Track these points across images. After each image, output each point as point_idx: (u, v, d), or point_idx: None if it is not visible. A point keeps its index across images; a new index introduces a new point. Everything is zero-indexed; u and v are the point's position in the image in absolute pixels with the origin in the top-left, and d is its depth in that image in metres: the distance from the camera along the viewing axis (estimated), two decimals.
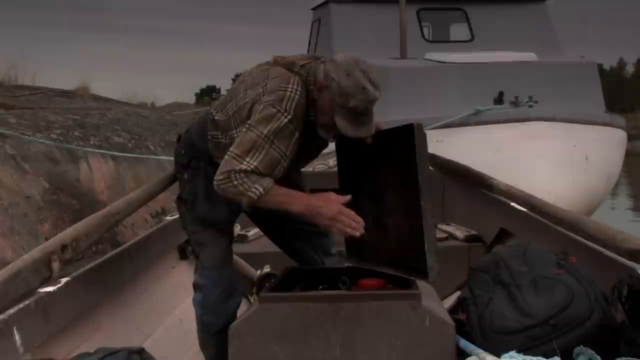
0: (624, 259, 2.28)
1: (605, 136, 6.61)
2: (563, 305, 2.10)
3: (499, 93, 6.65)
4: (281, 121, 2.05)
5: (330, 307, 1.95)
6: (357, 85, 2.00)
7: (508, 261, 2.34)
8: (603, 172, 6.53)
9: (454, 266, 3.17)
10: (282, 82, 2.10)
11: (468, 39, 8.26)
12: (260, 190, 2.06)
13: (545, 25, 8.28)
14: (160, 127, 7.90)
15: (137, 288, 2.82)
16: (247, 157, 2.05)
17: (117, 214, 2.90)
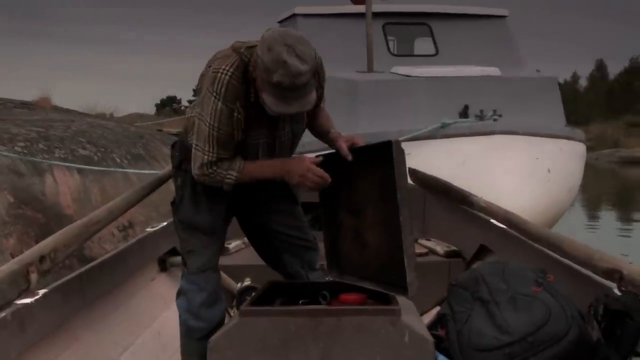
0: (600, 278, 2.32)
1: (567, 149, 6.79)
2: (541, 322, 2.16)
3: (464, 107, 6.76)
4: (216, 104, 2.14)
5: (311, 321, 1.96)
6: (277, 60, 1.99)
7: (487, 278, 2.40)
8: (565, 184, 6.69)
9: (434, 281, 3.21)
10: (219, 64, 2.16)
11: (432, 53, 8.41)
12: (235, 175, 2.23)
13: (507, 40, 8.50)
14: (126, 139, 7.79)
15: (115, 300, 2.81)
16: (206, 147, 2.19)
17: (97, 223, 2.89)
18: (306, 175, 2.21)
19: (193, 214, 2.39)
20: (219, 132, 2.17)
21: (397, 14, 8.41)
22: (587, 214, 11.80)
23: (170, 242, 3.41)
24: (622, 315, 2.07)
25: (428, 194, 4.01)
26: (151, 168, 7.38)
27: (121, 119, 19.04)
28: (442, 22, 8.41)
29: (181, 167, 2.43)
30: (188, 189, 2.40)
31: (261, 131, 2.26)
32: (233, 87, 2.13)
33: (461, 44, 8.23)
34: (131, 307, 2.91)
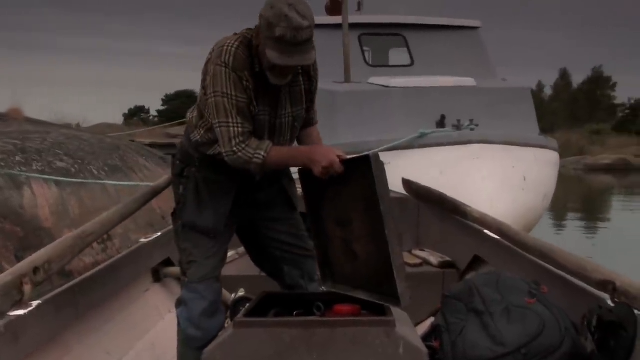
0: (594, 289, 2.34)
1: (541, 157, 6.92)
2: (535, 334, 2.19)
3: (441, 116, 6.87)
4: (227, 73, 2.19)
5: (305, 333, 1.96)
6: (279, 14, 2.08)
7: (481, 289, 2.42)
8: (540, 192, 6.81)
9: (428, 292, 3.23)
10: (225, 41, 2.24)
11: (408, 63, 8.52)
12: (263, 154, 2.23)
13: (480, 51, 8.66)
14: (103, 150, 7.72)
15: (108, 311, 2.79)
16: (230, 120, 2.20)
17: (90, 234, 2.88)
18: (329, 169, 2.20)
19: (197, 216, 2.41)
20: (237, 100, 2.20)
21: (372, 25, 8.51)
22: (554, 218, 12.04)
23: (164, 253, 3.40)
24: (616, 326, 2.10)
25: (422, 205, 4.04)
26: (129, 179, 7.33)
27: (89, 129, 18.81)
28: (417, 33, 8.53)
29: (183, 174, 2.45)
30: (191, 194, 2.42)
31: (265, 108, 2.31)
32: (240, 57, 2.20)
33: (436, 54, 8.36)
34: (125, 319, 2.89)
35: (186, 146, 2.46)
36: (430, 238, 3.97)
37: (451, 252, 3.69)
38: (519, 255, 2.91)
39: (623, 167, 28.72)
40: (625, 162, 29.51)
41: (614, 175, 26.13)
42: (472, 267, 3.45)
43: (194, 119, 2.42)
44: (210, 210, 2.40)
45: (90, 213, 6.32)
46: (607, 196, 19.24)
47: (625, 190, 20.81)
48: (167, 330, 3.04)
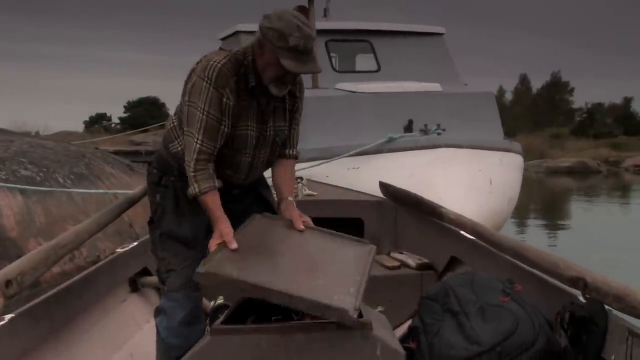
0: (566, 286, 2.38)
1: (506, 161, 7.05)
2: (509, 332, 2.21)
3: (408, 121, 6.95)
4: (207, 88, 2.21)
5: (282, 338, 1.95)
6: (291, 25, 2.16)
7: (457, 290, 2.45)
8: (505, 195, 6.94)
9: (407, 294, 3.29)
10: (210, 57, 2.26)
11: (375, 69, 8.60)
12: (197, 191, 2.25)
13: (444, 57, 8.80)
14: (68, 158, 7.61)
15: (85, 323, 2.74)
16: (195, 132, 2.23)
17: (64, 246, 2.83)
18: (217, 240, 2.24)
19: (176, 226, 2.41)
20: (208, 117, 2.22)
21: (339, 31, 8.57)
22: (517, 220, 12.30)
23: (142, 262, 3.36)
24: (587, 322, 2.14)
25: (399, 207, 4.06)
26: (95, 187, 7.24)
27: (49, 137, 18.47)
28: (383, 39, 8.62)
29: (161, 183, 2.45)
30: (170, 202, 2.43)
31: (251, 123, 2.34)
32: (224, 75, 2.22)
33: (401, 60, 8.47)
34: (102, 330, 2.85)
35: (164, 155, 2.45)
36: (408, 240, 4.00)
37: (429, 253, 3.71)
38: (494, 254, 2.96)
39: (582, 169, 29.40)
40: (584, 164, 30.22)
41: (574, 178, 26.74)
42: (449, 267, 3.47)
43: (174, 128, 2.41)
44: (189, 220, 2.40)
45: (56, 222, 6.23)
46: (567, 198, 19.72)
47: (584, 192, 21.35)
48: (145, 340, 3.00)
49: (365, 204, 4.25)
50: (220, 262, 2.10)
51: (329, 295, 2.01)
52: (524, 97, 56.65)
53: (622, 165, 32.63)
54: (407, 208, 3.99)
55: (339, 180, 5.75)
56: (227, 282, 2.03)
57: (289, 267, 2.19)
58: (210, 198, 2.27)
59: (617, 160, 33.36)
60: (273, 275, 2.08)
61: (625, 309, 2.11)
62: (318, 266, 2.26)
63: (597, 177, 27.62)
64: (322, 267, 2.25)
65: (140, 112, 47.46)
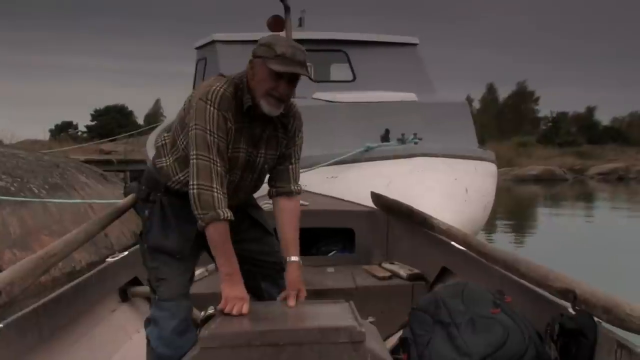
0: (556, 298, 2.40)
1: (481, 169, 7.15)
2: (499, 344, 2.23)
3: (385, 130, 7.01)
4: (212, 112, 2.26)
5: (273, 349, 1.95)
6: (278, 39, 2.33)
7: (447, 301, 2.46)
8: (480, 203, 7.03)
9: (398, 305, 3.30)
10: (210, 82, 2.34)
11: (350, 79, 8.67)
12: (226, 215, 2.22)
13: (419, 67, 8.90)
14: (42, 168, 7.50)
15: (74, 334, 2.72)
16: (210, 155, 2.24)
17: (54, 255, 2.82)
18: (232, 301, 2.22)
19: (161, 239, 2.42)
20: (218, 139, 2.26)
21: (315, 41, 8.59)
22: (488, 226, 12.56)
23: (132, 272, 3.34)
24: (577, 334, 2.16)
25: (391, 218, 4.07)
26: (70, 197, 7.14)
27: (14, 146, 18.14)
28: (358, 49, 8.69)
29: (149, 198, 2.48)
30: (157, 217, 2.45)
31: (244, 146, 2.38)
32: (226, 98, 2.29)
33: (377, 70, 8.54)
34: (91, 340, 2.82)
35: (152, 172, 2.49)
36: (399, 251, 3.99)
37: (420, 264, 3.71)
38: (485, 265, 2.97)
39: (549, 177, 29.99)
40: (551, 172, 30.82)
41: (541, 186, 27.25)
42: (440, 278, 3.48)
43: (165, 146, 2.46)
44: (175, 234, 2.42)
45: (32, 233, 6.14)
46: (534, 205, 20.12)
47: (551, 199, 21.79)
48: (135, 350, 2.98)
49: (357, 214, 4.26)
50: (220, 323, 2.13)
51: (333, 320, 2.07)
52: (491, 106, 57.53)
53: (587, 174, 33.36)
54: (399, 218, 4.00)
55: (317, 190, 5.77)
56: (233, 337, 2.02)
57: (284, 317, 2.22)
58: (228, 230, 2.25)
59: (582, 169, 34.11)
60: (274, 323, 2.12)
61: (614, 321, 2.13)
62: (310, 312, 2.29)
63: (563, 185, 28.19)
64: (313, 312, 2.28)
65: (107, 120, 46.91)
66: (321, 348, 1.95)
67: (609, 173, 32.59)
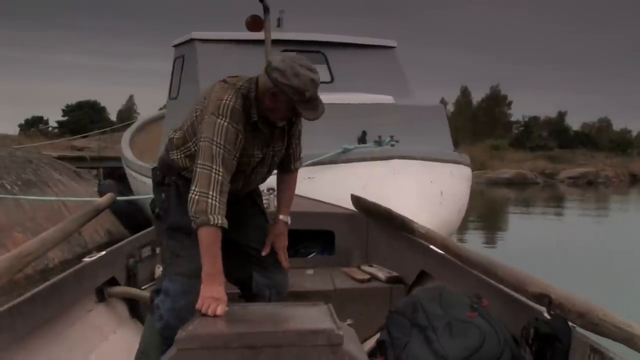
0: (532, 302, 2.43)
1: (456, 173, 7.23)
2: (475, 347, 2.25)
3: (362, 132, 7.06)
4: (222, 125, 2.37)
5: (250, 351, 1.95)
6: (306, 81, 2.38)
7: (425, 304, 2.47)
8: (455, 205, 7.12)
9: (376, 308, 3.32)
10: (220, 95, 2.42)
11: (328, 80, 8.69)
12: (217, 221, 2.29)
13: (396, 69, 8.96)
14: (15, 164, 7.39)
15: (49, 333, 2.68)
16: (214, 165, 2.33)
17: (29, 254, 2.80)
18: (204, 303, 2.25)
19: (182, 216, 2.47)
20: (224, 150, 2.36)
21: (293, 42, 8.61)
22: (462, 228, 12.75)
23: (109, 272, 3.31)
24: (552, 338, 2.20)
25: (371, 221, 4.07)
26: (44, 194, 7.05)
27: None
28: (337, 51, 8.72)
29: (164, 182, 2.64)
30: (174, 197, 2.59)
31: (255, 152, 2.54)
32: (237, 111, 2.41)
33: (355, 72, 8.57)
34: (66, 340, 2.78)
35: (166, 160, 2.65)
36: (378, 254, 4.00)
37: (399, 267, 3.72)
38: (463, 269, 3.00)
39: (521, 181, 30.42)
40: (523, 176, 31.26)
41: (513, 189, 27.62)
42: (418, 281, 3.50)
43: (176, 139, 2.60)
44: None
45: (4, 230, 6.05)
46: (505, 208, 20.40)
47: (522, 202, 22.09)
48: (111, 351, 2.98)
49: (337, 216, 4.26)
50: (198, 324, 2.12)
51: (311, 323, 2.08)
52: (465, 109, 58.09)
53: (558, 177, 33.91)
54: (378, 221, 4.01)
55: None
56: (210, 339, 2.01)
57: (262, 319, 2.22)
58: (218, 236, 2.32)
59: (552, 173, 34.66)
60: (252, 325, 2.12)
61: (587, 326, 2.17)
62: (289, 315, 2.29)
63: (534, 189, 28.61)
64: (291, 314, 2.29)
65: (79, 116, 46.29)
66: (299, 351, 1.95)
67: (579, 177, 33.18)
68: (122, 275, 3.45)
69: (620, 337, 2.04)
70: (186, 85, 8.61)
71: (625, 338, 2.02)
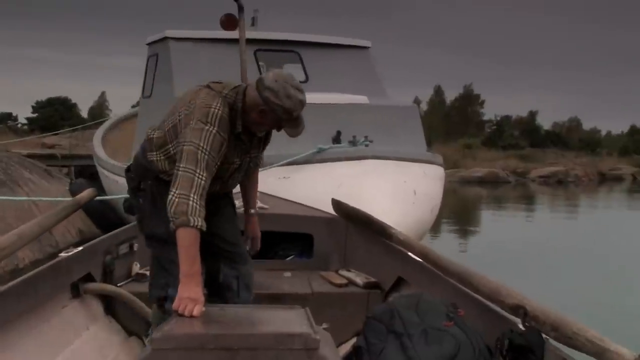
0: (507, 313, 2.45)
1: (429, 172, 7.29)
2: (450, 356, 2.28)
3: (337, 132, 7.08)
4: (209, 132, 2.41)
5: (226, 353, 1.95)
6: (296, 102, 2.48)
7: (402, 312, 2.50)
8: (428, 205, 7.17)
9: (353, 313, 3.33)
10: (208, 101, 2.47)
11: (302, 79, 8.69)
12: (196, 223, 2.30)
13: (370, 69, 8.99)
14: None
15: (23, 328, 2.67)
16: (197, 169, 2.37)
17: (4, 248, 2.77)
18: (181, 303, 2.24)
19: (153, 227, 2.61)
20: (209, 156, 2.40)
21: (268, 41, 8.60)
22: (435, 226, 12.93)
23: (85, 268, 3.28)
24: (525, 350, 2.22)
25: (350, 226, 4.08)
26: (14, 193, 6.95)
27: None
28: (311, 50, 8.71)
29: (140, 187, 2.70)
30: (148, 204, 2.67)
31: (235, 158, 2.63)
32: (224, 121, 2.47)
33: (329, 71, 8.58)
34: (40, 336, 2.77)
35: (142, 162, 2.68)
36: (356, 258, 4.00)
37: (376, 273, 3.73)
38: (440, 278, 3.01)
39: (493, 179, 30.78)
40: (495, 175, 31.63)
41: (485, 187, 27.94)
42: (395, 288, 3.51)
43: (156, 139, 2.63)
44: (166, 219, 2.46)
45: None
46: (478, 206, 20.65)
47: (494, 201, 22.37)
48: (84, 347, 2.98)
49: (316, 220, 4.26)
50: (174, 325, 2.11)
51: (288, 326, 2.10)
52: (439, 108, 58.52)
53: (529, 176, 34.38)
54: (358, 226, 4.02)
55: (269, 190, 5.77)
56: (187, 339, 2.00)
57: (239, 321, 2.22)
58: (197, 237, 2.33)
59: (524, 172, 35.13)
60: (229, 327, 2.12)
61: (560, 339, 2.19)
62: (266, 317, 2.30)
63: (506, 187, 28.98)
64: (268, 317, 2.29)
65: (49, 112, 45.56)
66: (275, 354, 1.95)
67: (550, 176, 33.68)
68: (98, 272, 3.43)
69: (592, 351, 2.06)
70: (160, 84, 8.54)
71: (597, 352, 2.04)
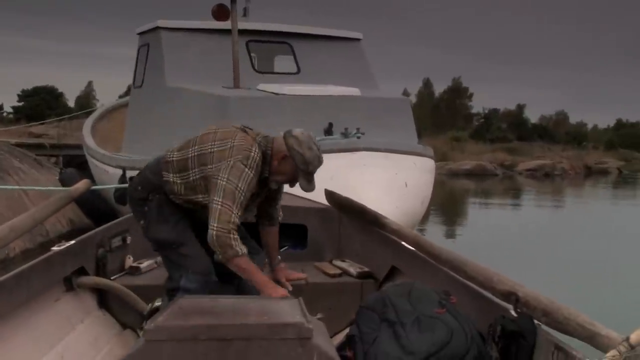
0: (499, 300, 2.49)
1: (420, 165, 7.32)
2: (443, 343, 2.30)
3: (328, 124, 7.09)
4: (248, 175, 2.70)
5: (219, 344, 1.96)
6: (314, 157, 2.80)
7: (394, 300, 2.52)
8: (419, 197, 7.21)
9: (347, 302, 3.36)
10: (247, 145, 2.75)
11: (294, 71, 8.70)
12: (243, 251, 2.65)
13: (362, 61, 9.01)
14: None
15: (16, 321, 2.67)
16: (234, 207, 2.64)
17: None
18: None
19: (158, 231, 2.91)
20: (244, 197, 2.69)
21: (260, 32, 8.59)
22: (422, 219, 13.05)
23: (78, 262, 3.28)
24: (517, 336, 2.25)
25: (343, 216, 4.10)
26: (4, 182, 6.91)
27: None
28: (303, 42, 8.71)
29: (148, 197, 2.93)
30: (154, 211, 2.91)
31: (255, 198, 2.90)
32: (259, 167, 2.76)
33: (321, 63, 8.59)
34: (33, 329, 2.77)
35: (152, 179, 2.93)
36: (350, 249, 4.02)
37: (370, 262, 3.76)
38: (433, 266, 3.04)
39: (481, 172, 30.92)
40: (483, 167, 31.77)
41: (473, 180, 28.09)
42: (389, 277, 3.54)
43: (176, 162, 2.86)
44: (171, 225, 2.85)
45: None
46: (466, 198, 20.81)
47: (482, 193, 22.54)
48: (77, 341, 2.98)
49: (310, 211, 4.28)
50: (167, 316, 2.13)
51: (281, 316, 2.12)
52: (427, 101, 58.60)
53: (516, 169, 34.58)
54: (351, 217, 4.03)
55: None
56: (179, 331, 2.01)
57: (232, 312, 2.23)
58: (249, 260, 2.70)
59: (511, 164, 35.31)
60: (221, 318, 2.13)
61: (552, 324, 2.23)
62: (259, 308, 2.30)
63: (493, 180, 29.14)
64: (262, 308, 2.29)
65: (36, 101, 45.18)
66: (268, 343, 1.96)
67: (536, 169, 33.89)
68: (92, 265, 3.42)
69: (583, 336, 2.10)
70: (151, 74, 8.52)
71: (588, 336, 2.08)
